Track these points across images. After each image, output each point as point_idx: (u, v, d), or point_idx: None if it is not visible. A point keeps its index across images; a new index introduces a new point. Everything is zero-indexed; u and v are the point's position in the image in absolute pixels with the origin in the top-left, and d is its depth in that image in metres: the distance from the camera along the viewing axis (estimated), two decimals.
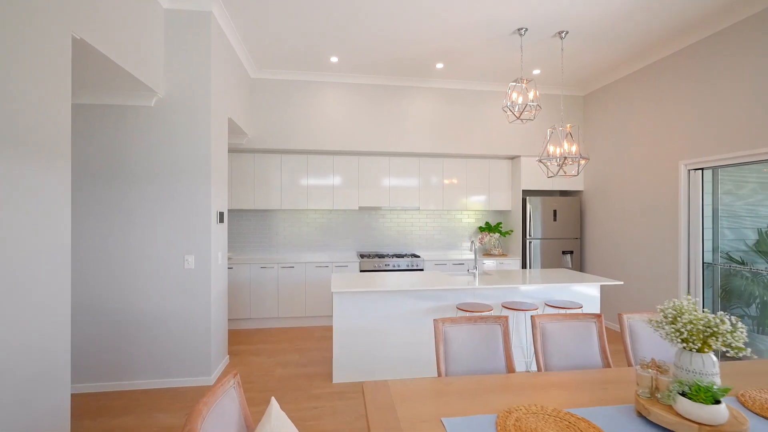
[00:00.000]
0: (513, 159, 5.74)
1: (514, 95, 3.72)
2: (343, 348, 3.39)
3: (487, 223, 5.93)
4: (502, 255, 5.77)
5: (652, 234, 4.37)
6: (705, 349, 1.36)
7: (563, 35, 3.87)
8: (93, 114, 3.18)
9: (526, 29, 3.78)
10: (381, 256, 5.43)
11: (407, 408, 1.52)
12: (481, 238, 5.74)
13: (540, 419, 1.40)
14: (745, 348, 1.31)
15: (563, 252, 5.50)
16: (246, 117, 4.69)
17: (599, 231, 5.27)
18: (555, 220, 5.49)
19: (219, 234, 3.58)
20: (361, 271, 5.12)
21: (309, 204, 5.34)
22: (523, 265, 5.52)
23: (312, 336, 4.67)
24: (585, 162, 3.74)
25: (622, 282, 3.49)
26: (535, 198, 5.46)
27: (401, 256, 5.45)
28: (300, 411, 2.89)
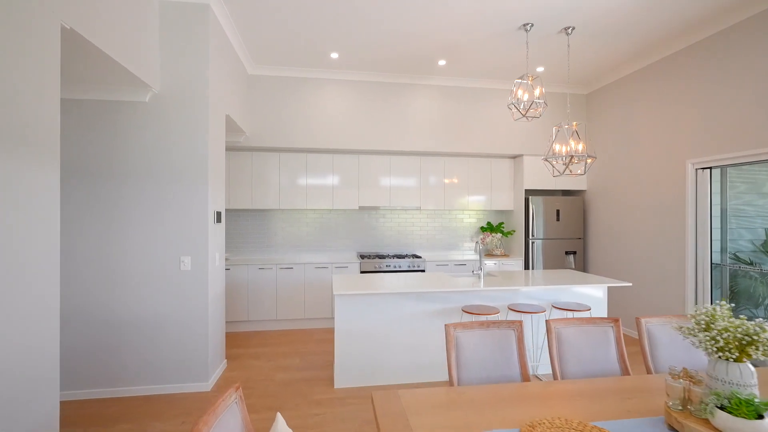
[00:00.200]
0: (515, 158, 5.65)
1: (519, 92, 3.63)
2: (345, 352, 3.29)
3: (489, 223, 5.84)
4: (504, 255, 5.69)
5: (658, 234, 4.30)
6: (743, 359, 1.27)
7: (569, 31, 3.78)
8: (85, 110, 3.05)
9: (532, 24, 3.69)
10: (381, 256, 5.33)
11: (421, 421, 1.42)
12: (483, 238, 5.65)
13: None
14: None
15: (566, 252, 5.43)
16: (244, 114, 4.57)
17: (603, 231, 5.20)
18: (558, 220, 5.41)
19: (216, 234, 3.46)
20: (362, 272, 5.01)
21: (308, 204, 5.23)
22: (526, 266, 5.43)
23: (312, 338, 4.56)
24: (592, 161, 3.66)
25: (630, 283, 3.41)
26: (538, 197, 5.37)
27: (402, 256, 5.35)
28: (301, 418, 2.78)
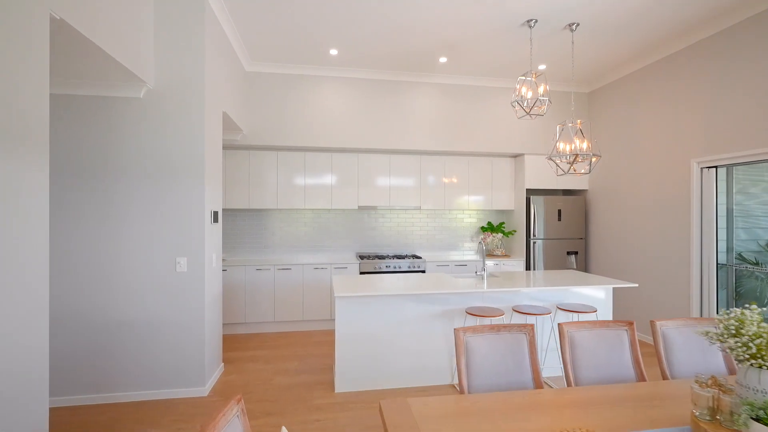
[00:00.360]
0: (516, 157, 5.58)
1: (523, 90, 3.57)
2: (346, 356, 3.20)
3: (489, 223, 5.77)
4: (504, 256, 5.63)
5: (662, 234, 4.25)
6: None
7: (574, 27, 3.72)
8: (77, 105, 2.94)
9: (536, 20, 3.62)
10: (381, 257, 5.24)
11: None
12: (484, 238, 5.58)
13: None
14: None
15: (568, 253, 5.37)
16: (241, 112, 4.47)
17: (605, 231, 5.14)
18: (559, 220, 5.35)
19: (213, 235, 3.36)
20: (361, 273, 4.93)
21: (306, 203, 5.14)
22: (527, 267, 5.37)
23: (310, 341, 4.47)
24: (597, 159, 3.59)
25: (636, 284, 3.35)
26: (539, 197, 5.31)
27: (402, 257, 5.27)
28: (302, 424, 2.69)
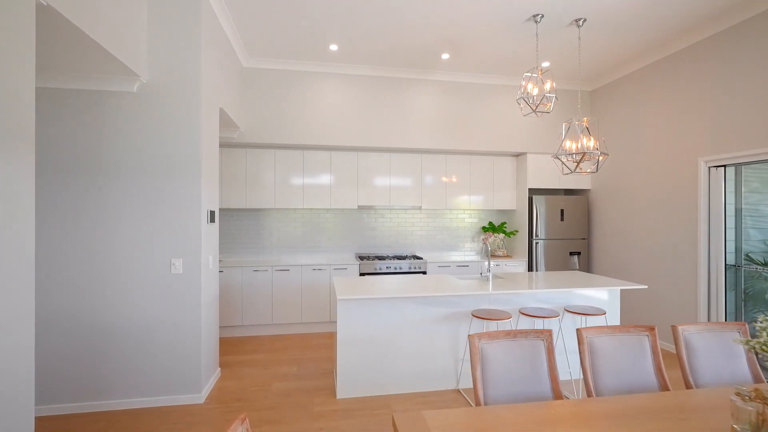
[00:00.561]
0: (518, 156, 5.50)
1: (529, 86, 3.48)
2: (348, 360, 3.09)
3: (491, 223, 5.69)
4: (506, 256, 5.54)
5: (668, 235, 4.17)
6: None
7: (581, 23, 3.63)
8: (66, 100, 2.81)
9: (542, 15, 3.53)
10: (381, 257, 5.14)
11: None
12: (485, 238, 5.48)
13: None
14: None
15: (570, 253, 5.29)
16: (238, 109, 4.34)
17: (608, 231, 5.07)
18: (562, 220, 5.27)
19: (210, 235, 3.23)
20: (361, 274, 4.82)
21: (305, 203, 5.02)
22: (529, 267, 5.28)
23: (309, 344, 4.35)
24: (604, 158, 3.51)
25: (646, 286, 3.27)
26: (541, 197, 5.23)
27: (402, 257, 5.17)
28: None
